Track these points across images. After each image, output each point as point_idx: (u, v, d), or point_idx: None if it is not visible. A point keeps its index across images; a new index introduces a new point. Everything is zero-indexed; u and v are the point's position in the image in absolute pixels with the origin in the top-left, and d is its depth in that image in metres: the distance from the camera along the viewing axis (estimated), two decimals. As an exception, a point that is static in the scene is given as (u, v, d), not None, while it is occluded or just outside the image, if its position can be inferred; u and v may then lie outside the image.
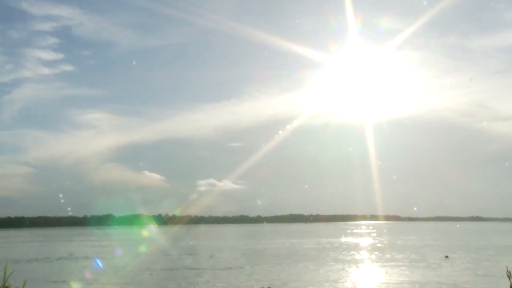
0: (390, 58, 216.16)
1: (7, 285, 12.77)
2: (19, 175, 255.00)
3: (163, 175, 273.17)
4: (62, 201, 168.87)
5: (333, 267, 37.92)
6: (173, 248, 64.32)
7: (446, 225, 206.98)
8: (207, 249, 61.45)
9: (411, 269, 35.73)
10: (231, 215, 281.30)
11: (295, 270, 36.25)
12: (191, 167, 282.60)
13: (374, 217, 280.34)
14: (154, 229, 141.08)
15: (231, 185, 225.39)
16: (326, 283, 29.16)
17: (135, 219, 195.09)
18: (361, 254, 51.01)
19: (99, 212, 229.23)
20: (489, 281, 28.96)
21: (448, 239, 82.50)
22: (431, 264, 39.36)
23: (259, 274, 33.82)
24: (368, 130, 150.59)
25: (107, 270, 38.10)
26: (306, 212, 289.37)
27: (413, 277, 30.97)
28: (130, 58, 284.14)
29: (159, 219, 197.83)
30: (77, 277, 33.71)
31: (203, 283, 29.65)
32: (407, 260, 43.02)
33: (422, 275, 32.16)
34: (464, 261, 42.15)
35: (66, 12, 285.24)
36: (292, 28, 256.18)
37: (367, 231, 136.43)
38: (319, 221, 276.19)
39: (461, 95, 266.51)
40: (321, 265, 39.52)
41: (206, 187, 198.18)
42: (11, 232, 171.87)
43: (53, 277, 34.00)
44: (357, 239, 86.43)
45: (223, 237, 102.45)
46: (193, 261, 44.78)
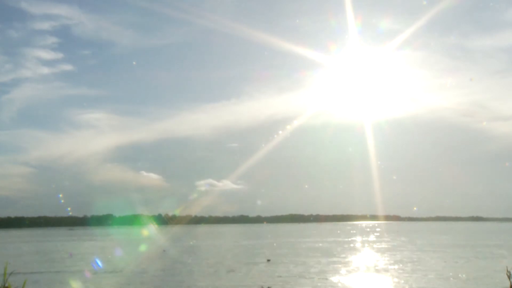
0: (390, 58, 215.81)
1: (7, 285, 12.74)
2: (19, 175, 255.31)
3: (163, 175, 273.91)
4: (62, 201, 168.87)
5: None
6: (173, 248, 64.28)
7: (455, 225, 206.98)
8: (210, 248, 61.42)
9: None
10: (231, 215, 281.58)
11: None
12: (191, 167, 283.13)
13: (374, 217, 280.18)
14: (154, 229, 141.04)
15: (231, 185, 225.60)
16: None
17: (135, 219, 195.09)
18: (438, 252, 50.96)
19: (99, 212, 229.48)
20: None
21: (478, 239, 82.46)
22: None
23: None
24: (368, 130, 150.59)
25: (107, 270, 38.06)
26: (306, 212, 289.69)
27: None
28: (130, 58, 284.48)
29: (159, 219, 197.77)
30: (77, 277, 33.68)
31: (203, 283, 29.63)
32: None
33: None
34: None
35: (65, 11, 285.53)
36: (292, 28, 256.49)
37: (377, 230, 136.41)
38: (319, 221, 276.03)
39: (461, 95, 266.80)
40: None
41: (206, 187, 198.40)
42: (11, 232, 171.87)
43: (53, 277, 33.97)
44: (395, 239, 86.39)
45: (237, 237, 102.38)
46: (193, 261, 44.73)
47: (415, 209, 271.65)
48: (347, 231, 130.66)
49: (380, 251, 54.68)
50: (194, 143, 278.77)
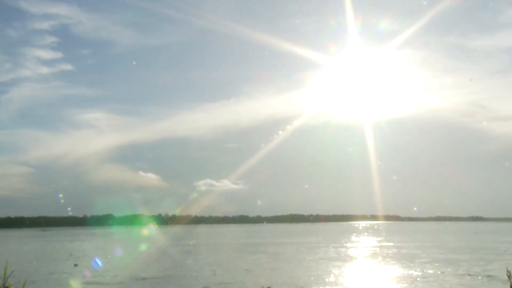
0: (390, 58, 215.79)
1: (7, 285, 12.70)
2: (19, 175, 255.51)
3: (162, 175, 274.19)
4: (62, 201, 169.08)
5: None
6: (173, 248, 64.26)
7: (456, 225, 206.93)
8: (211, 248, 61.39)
9: None
10: (231, 215, 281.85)
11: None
12: (190, 167, 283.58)
13: (374, 217, 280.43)
14: (154, 229, 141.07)
15: (231, 185, 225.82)
16: None
17: (135, 219, 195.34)
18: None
19: (99, 212, 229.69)
20: None
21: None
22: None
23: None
24: (368, 130, 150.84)
25: (107, 270, 38.01)
26: (306, 212, 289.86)
27: None
28: (129, 57, 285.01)
29: (159, 219, 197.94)
30: (77, 277, 33.64)
31: (203, 283, 29.58)
32: None
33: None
34: None
35: (64, 10, 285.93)
36: (292, 28, 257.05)
37: (382, 230, 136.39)
38: (319, 221, 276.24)
39: (460, 95, 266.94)
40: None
41: (205, 187, 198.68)
42: (11, 232, 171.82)
43: (53, 277, 33.92)
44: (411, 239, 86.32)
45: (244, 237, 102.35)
46: (193, 261, 44.70)
47: (415, 209, 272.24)
48: (352, 231, 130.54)
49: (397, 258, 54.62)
50: (193, 143, 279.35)
